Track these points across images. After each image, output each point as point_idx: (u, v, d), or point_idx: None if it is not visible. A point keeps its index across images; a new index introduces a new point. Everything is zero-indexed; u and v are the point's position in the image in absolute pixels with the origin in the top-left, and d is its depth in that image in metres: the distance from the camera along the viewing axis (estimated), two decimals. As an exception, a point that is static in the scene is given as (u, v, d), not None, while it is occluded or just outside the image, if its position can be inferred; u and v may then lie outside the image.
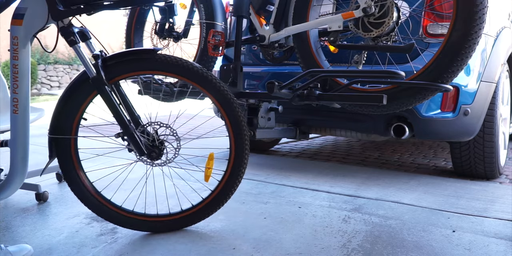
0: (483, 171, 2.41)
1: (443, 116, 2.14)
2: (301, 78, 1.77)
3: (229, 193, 1.63)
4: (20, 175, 1.48)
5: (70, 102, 1.56)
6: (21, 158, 1.47)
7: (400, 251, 1.46)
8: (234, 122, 1.57)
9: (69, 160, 1.61)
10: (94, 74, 1.48)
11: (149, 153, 1.60)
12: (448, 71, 1.57)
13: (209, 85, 1.55)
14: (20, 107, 1.45)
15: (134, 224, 1.63)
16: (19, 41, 1.42)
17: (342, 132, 2.57)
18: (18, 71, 1.44)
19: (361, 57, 1.88)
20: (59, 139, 1.58)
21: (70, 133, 1.58)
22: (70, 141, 1.59)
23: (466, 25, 1.49)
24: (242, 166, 1.61)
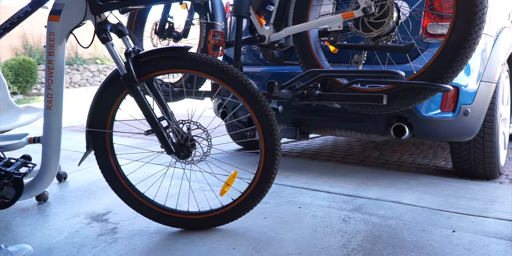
0: (483, 171, 2.41)
1: (443, 116, 2.14)
2: (301, 78, 1.77)
3: (260, 194, 1.62)
4: (52, 172, 1.50)
5: (104, 99, 1.57)
6: (53, 154, 1.49)
7: (400, 251, 1.46)
8: (265, 124, 1.55)
9: (104, 152, 1.63)
10: (125, 72, 1.48)
11: (177, 152, 1.59)
12: (448, 71, 1.57)
13: (239, 85, 1.52)
14: (54, 103, 1.46)
15: (164, 219, 1.66)
16: (56, 37, 1.44)
17: (342, 132, 2.57)
18: (54, 67, 1.45)
19: (361, 57, 1.88)
20: (95, 133, 1.60)
21: (105, 128, 1.60)
22: (105, 135, 1.61)
23: (466, 25, 1.49)
24: (274, 167, 1.60)
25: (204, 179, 2.13)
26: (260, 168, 1.61)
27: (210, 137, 1.60)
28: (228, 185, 1.61)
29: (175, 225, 1.66)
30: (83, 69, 12.48)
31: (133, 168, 1.83)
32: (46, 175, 1.49)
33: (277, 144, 1.57)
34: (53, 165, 1.49)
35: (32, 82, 10.31)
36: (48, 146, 1.48)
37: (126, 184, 1.67)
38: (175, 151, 1.57)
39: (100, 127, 1.59)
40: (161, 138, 1.55)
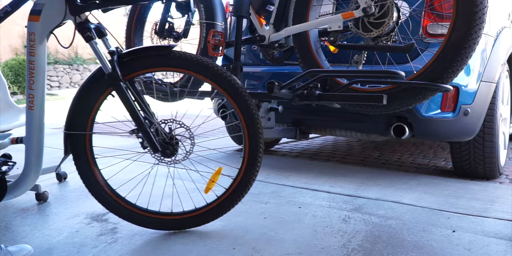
0: (483, 171, 2.41)
1: (443, 116, 2.14)
2: (301, 78, 1.77)
3: (242, 192, 1.61)
4: (35, 173, 1.49)
5: (86, 98, 1.56)
6: (36, 155, 1.48)
7: (400, 251, 1.46)
8: (249, 119, 1.55)
9: (83, 156, 1.61)
10: (110, 70, 1.48)
11: (163, 150, 1.58)
12: (448, 71, 1.57)
13: (224, 82, 1.53)
14: (36, 103, 1.45)
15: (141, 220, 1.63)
16: (36, 37, 1.43)
17: (342, 132, 2.57)
18: (35, 67, 1.44)
19: (361, 57, 1.88)
20: (74, 135, 1.58)
21: (85, 129, 1.58)
22: (85, 137, 1.59)
23: (466, 25, 1.49)
24: (257, 161, 1.58)
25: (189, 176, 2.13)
26: (244, 162, 1.60)
27: (193, 135, 1.59)
28: (212, 181, 1.61)
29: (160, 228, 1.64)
30: (83, 69, 12.49)
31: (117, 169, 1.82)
32: (30, 175, 1.49)
33: (261, 138, 1.57)
34: (36, 165, 1.48)
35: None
36: (30, 146, 1.47)
37: (107, 189, 1.64)
38: (160, 149, 1.56)
39: (80, 128, 1.57)
40: (147, 136, 1.55)
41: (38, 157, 1.48)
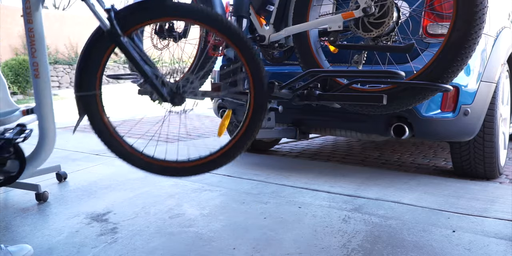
0: (483, 171, 2.41)
1: (443, 116, 2.14)
2: (301, 78, 1.77)
3: (243, 145, 1.56)
4: (51, 140, 1.49)
5: (90, 58, 1.54)
6: (49, 121, 1.48)
7: (400, 251, 1.46)
8: (253, 66, 1.52)
9: (96, 114, 1.59)
10: (109, 27, 1.46)
11: (172, 99, 1.56)
12: (448, 71, 1.56)
13: (223, 28, 1.50)
14: (41, 70, 1.46)
15: (160, 170, 1.61)
16: (31, 4, 1.44)
17: (342, 132, 2.56)
18: (34, 34, 1.45)
19: (361, 57, 1.88)
20: (84, 96, 1.57)
21: (95, 88, 1.56)
22: (95, 96, 1.57)
23: (466, 25, 1.49)
24: (262, 113, 1.54)
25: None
26: (248, 116, 1.55)
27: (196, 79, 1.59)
28: (224, 125, 1.59)
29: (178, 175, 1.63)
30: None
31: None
32: (46, 144, 1.49)
33: (264, 78, 1.53)
34: (51, 133, 1.49)
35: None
36: (42, 114, 1.48)
37: (124, 145, 1.63)
38: (169, 99, 1.55)
39: (90, 89, 1.55)
40: (154, 87, 1.53)
41: (51, 123, 1.48)
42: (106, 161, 2.79)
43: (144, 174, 2.50)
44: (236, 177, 2.42)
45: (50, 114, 1.49)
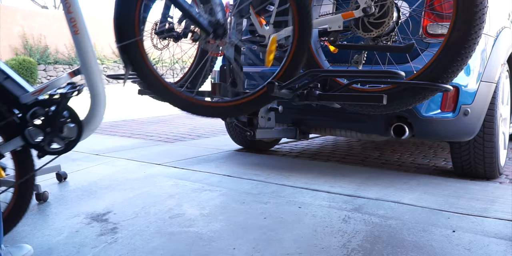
0: (483, 171, 2.41)
1: (443, 116, 2.14)
2: (301, 78, 1.77)
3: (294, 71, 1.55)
4: (103, 97, 1.45)
5: (126, 6, 1.53)
6: (97, 80, 1.43)
7: (400, 251, 1.46)
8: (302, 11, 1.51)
9: (141, 62, 1.59)
10: None
11: (215, 31, 1.55)
12: (448, 71, 1.57)
13: None
14: (80, 26, 1.39)
15: (198, 110, 1.65)
16: None
17: (342, 132, 2.56)
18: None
19: (361, 57, 1.88)
20: (127, 46, 1.56)
21: (135, 35, 1.55)
22: (137, 43, 1.57)
23: (466, 25, 1.49)
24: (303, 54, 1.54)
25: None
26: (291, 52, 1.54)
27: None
28: (271, 52, 1.56)
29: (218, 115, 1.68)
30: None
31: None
32: (99, 103, 1.44)
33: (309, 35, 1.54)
34: (101, 90, 1.44)
35: (32, 82, 10.32)
36: (90, 72, 1.42)
37: (170, 88, 1.64)
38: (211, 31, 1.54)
39: (130, 37, 1.54)
40: (195, 21, 1.53)
41: (100, 81, 1.44)
42: (106, 161, 2.79)
43: (144, 174, 2.51)
44: (236, 177, 2.42)
45: (97, 72, 1.43)
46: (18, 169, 1.52)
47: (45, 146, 1.44)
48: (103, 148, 3.24)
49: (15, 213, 1.53)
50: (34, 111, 1.43)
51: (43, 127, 1.43)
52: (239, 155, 3.09)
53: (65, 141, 1.43)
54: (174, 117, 5.37)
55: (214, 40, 1.59)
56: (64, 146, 1.44)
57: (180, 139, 3.80)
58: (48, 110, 1.42)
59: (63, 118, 1.42)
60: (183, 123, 4.92)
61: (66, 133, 1.43)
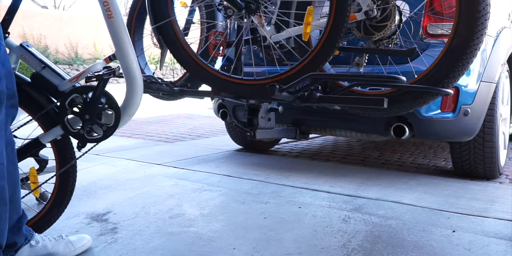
0: (483, 171, 2.41)
1: (443, 116, 2.14)
2: (302, 81, 1.77)
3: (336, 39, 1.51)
4: (139, 80, 1.44)
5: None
6: (133, 64, 1.41)
7: (400, 251, 1.46)
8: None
9: (176, 41, 1.62)
10: None
11: (247, 6, 1.53)
12: (449, 76, 1.56)
13: None
14: (114, 10, 1.38)
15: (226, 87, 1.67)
16: None
17: (342, 132, 2.56)
18: None
19: (362, 59, 1.88)
20: (161, 27, 1.57)
21: (169, 15, 1.57)
22: (171, 23, 1.59)
23: (468, 30, 1.49)
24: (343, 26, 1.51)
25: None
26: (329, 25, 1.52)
27: None
28: (308, 24, 1.51)
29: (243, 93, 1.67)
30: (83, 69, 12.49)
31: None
32: (136, 87, 1.43)
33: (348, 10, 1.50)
34: (137, 74, 1.43)
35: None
36: (125, 56, 1.40)
37: (201, 63, 1.67)
38: (244, 6, 1.52)
39: (164, 17, 1.55)
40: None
41: (136, 65, 1.42)
42: (106, 161, 2.79)
43: (144, 174, 2.51)
44: (236, 177, 2.42)
45: (133, 56, 1.42)
46: (59, 159, 1.53)
47: (84, 134, 1.45)
48: (103, 148, 3.24)
49: (58, 203, 1.55)
50: (72, 98, 1.43)
51: (81, 115, 1.43)
52: (239, 155, 3.09)
53: (103, 128, 1.44)
54: (174, 117, 5.37)
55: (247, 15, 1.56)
56: (103, 133, 1.45)
57: (180, 139, 3.80)
58: (85, 97, 1.43)
59: (101, 104, 1.42)
60: (183, 123, 4.92)
61: (104, 120, 1.43)
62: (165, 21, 1.59)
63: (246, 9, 1.54)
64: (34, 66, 1.47)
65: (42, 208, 1.55)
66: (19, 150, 1.48)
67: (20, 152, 1.48)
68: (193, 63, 1.68)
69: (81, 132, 1.45)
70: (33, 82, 1.48)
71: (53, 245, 1.38)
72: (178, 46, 1.66)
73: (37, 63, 1.47)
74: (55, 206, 1.54)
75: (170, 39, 1.64)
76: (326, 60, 1.59)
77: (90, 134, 1.45)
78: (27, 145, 1.51)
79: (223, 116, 2.76)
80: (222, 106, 2.75)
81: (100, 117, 1.43)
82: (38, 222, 1.53)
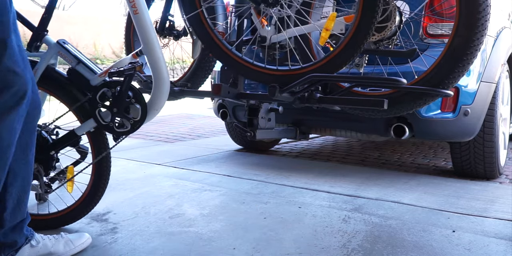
0: (483, 171, 2.41)
1: (443, 116, 2.14)
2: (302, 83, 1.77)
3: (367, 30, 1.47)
4: (166, 76, 1.47)
5: None
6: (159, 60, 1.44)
7: (400, 251, 1.46)
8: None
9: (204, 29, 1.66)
10: None
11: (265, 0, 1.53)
12: (449, 77, 1.56)
13: None
14: (139, 6, 1.41)
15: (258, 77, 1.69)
16: None
17: (342, 132, 2.57)
18: None
19: (362, 60, 1.88)
20: (191, 18, 1.62)
21: (196, 7, 1.61)
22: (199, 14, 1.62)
23: (469, 31, 1.49)
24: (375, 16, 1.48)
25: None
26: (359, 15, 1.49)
27: None
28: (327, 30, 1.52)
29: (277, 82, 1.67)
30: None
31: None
32: (162, 82, 1.46)
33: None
34: (164, 69, 1.46)
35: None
36: (152, 51, 1.44)
37: (234, 56, 1.69)
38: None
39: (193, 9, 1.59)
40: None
41: (162, 60, 1.45)
42: (106, 161, 2.79)
43: (144, 174, 2.51)
44: (236, 177, 2.42)
45: (159, 51, 1.45)
46: (94, 149, 1.62)
47: (113, 127, 1.51)
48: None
49: (94, 192, 1.64)
50: (103, 92, 1.49)
51: (110, 108, 1.49)
52: (239, 155, 3.09)
53: (131, 121, 1.49)
54: (174, 117, 5.37)
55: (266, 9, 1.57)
56: (130, 127, 1.50)
57: (180, 139, 3.80)
58: (114, 91, 1.48)
59: (128, 98, 1.47)
60: (183, 123, 4.92)
61: (132, 114, 1.48)
62: (195, 12, 1.64)
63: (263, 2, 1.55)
64: (69, 62, 1.56)
65: (78, 198, 1.64)
66: (57, 140, 1.61)
67: (58, 143, 1.61)
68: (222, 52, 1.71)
69: (111, 125, 1.51)
70: (70, 77, 1.58)
71: (53, 244, 1.38)
72: (208, 36, 1.70)
73: (72, 59, 1.55)
74: (91, 196, 1.63)
75: (200, 29, 1.69)
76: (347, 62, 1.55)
77: (119, 127, 1.51)
78: (64, 136, 1.61)
79: (223, 116, 2.76)
80: (222, 106, 2.75)
81: (128, 110, 1.48)
82: (72, 212, 1.64)
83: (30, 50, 1.59)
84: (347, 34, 1.53)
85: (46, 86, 1.60)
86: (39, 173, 1.64)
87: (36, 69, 1.54)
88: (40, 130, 1.61)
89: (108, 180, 1.66)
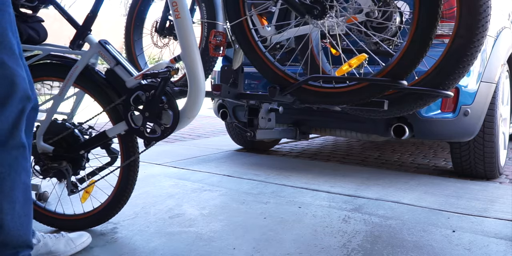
0: (483, 171, 2.41)
1: (443, 116, 2.14)
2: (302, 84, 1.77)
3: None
4: (202, 83, 1.44)
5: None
6: (197, 67, 1.42)
7: (400, 251, 1.46)
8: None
9: (246, 39, 1.65)
10: None
11: (310, 11, 1.48)
12: (449, 78, 1.57)
13: None
14: (181, 10, 1.37)
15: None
16: None
17: (342, 133, 2.57)
18: None
19: (362, 60, 1.88)
20: (235, 26, 1.61)
21: (240, 15, 1.59)
22: (242, 22, 1.61)
23: (469, 33, 1.49)
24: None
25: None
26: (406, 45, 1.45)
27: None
28: (350, 66, 1.51)
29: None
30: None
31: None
32: (198, 90, 1.43)
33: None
34: (201, 76, 1.42)
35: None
36: (190, 58, 1.40)
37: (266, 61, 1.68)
38: (307, 11, 1.48)
39: (236, 17, 1.58)
40: (289, 2, 1.48)
41: (200, 67, 1.43)
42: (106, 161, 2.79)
43: (144, 174, 2.51)
44: (236, 177, 2.42)
45: (198, 58, 1.42)
46: (123, 153, 1.60)
47: (144, 131, 1.48)
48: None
49: (120, 194, 1.61)
50: (137, 95, 1.47)
51: (143, 112, 1.46)
52: (239, 155, 3.10)
53: (161, 127, 1.45)
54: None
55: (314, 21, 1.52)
56: (161, 133, 1.46)
57: (180, 139, 3.80)
58: (149, 95, 1.45)
59: (161, 103, 1.44)
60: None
61: (164, 120, 1.44)
62: (239, 20, 1.62)
63: (310, 14, 1.49)
64: (108, 62, 1.54)
65: (104, 201, 1.63)
66: (88, 140, 1.60)
67: (89, 143, 1.60)
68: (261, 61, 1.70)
69: (141, 129, 1.48)
70: (107, 77, 1.57)
71: (54, 243, 1.39)
72: (249, 43, 1.68)
73: (111, 59, 1.53)
74: (116, 198, 1.61)
75: (242, 37, 1.68)
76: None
77: (150, 133, 1.48)
78: (96, 136, 1.60)
79: (223, 116, 2.76)
80: (222, 106, 2.76)
81: (160, 116, 1.44)
82: (98, 214, 1.63)
83: (73, 48, 1.59)
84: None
85: (83, 84, 1.60)
86: (67, 171, 1.64)
87: (76, 66, 1.55)
88: (73, 128, 1.60)
89: (135, 185, 1.63)
